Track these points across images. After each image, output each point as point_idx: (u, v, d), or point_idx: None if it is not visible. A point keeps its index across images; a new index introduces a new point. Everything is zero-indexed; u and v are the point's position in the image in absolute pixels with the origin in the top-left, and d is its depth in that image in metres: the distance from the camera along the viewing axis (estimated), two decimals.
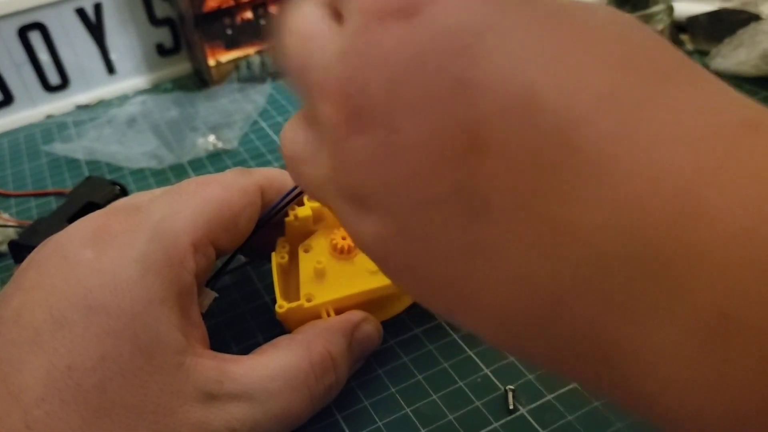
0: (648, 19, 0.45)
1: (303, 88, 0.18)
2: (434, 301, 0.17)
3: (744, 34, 0.46)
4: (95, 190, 0.42)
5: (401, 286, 0.18)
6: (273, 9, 0.56)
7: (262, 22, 0.56)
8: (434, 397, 0.29)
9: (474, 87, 0.14)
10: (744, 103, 0.14)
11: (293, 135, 0.19)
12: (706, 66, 0.47)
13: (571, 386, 0.29)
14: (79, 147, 0.52)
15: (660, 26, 0.45)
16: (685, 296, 0.12)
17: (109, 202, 0.40)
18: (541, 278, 0.14)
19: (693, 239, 0.12)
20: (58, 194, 0.47)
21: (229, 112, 0.53)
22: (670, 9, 0.46)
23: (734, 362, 0.12)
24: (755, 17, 0.46)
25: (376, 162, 0.15)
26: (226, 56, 0.56)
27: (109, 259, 0.25)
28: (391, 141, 0.15)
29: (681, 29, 0.51)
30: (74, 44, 0.57)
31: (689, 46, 0.50)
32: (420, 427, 0.28)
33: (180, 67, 0.61)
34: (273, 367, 0.26)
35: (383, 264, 0.17)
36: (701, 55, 0.49)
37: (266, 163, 0.47)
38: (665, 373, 0.13)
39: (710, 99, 0.13)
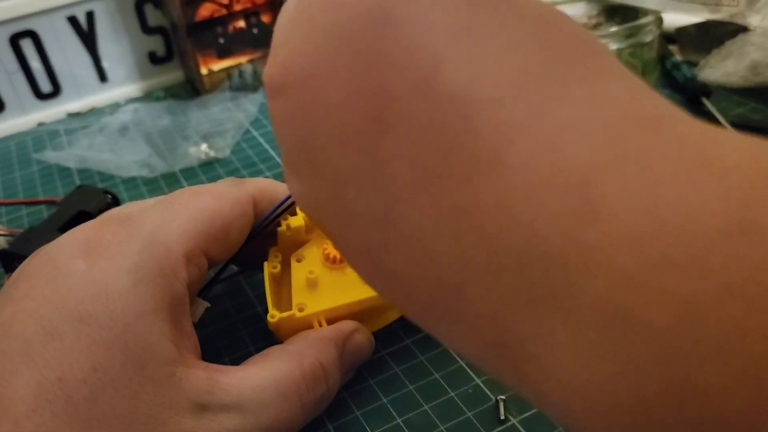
0: (637, 30, 0.45)
1: None
2: (353, 263, 0.17)
3: (732, 45, 0.46)
4: (87, 199, 0.42)
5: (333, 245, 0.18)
6: (265, 18, 0.56)
7: (255, 31, 0.56)
8: (425, 407, 0.29)
9: (383, 57, 0.14)
10: (652, 99, 0.13)
11: None
12: (695, 76, 0.48)
13: None
14: (70, 155, 0.51)
15: (649, 37, 0.46)
16: (577, 293, 0.12)
17: (100, 211, 0.40)
18: (443, 259, 0.14)
19: (585, 237, 0.12)
20: (50, 203, 0.47)
21: (221, 120, 0.53)
22: (660, 20, 0.47)
23: (626, 358, 0.12)
24: (743, 29, 0.46)
25: (293, 123, 0.16)
26: (219, 65, 0.56)
27: (100, 269, 0.25)
28: (307, 103, 0.15)
29: (670, 40, 0.52)
30: (66, 52, 0.57)
31: (678, 57, 0.51)
32: None
33: (172, 75, 0.62)
34: (264, 377, 0.26)
35: (312, 221, 0.18)
36: (690, 65, 0.49)
37: (258, 172, 0.47)
38: (556, 365, 0.13)
39: (619, 92, 0.13)
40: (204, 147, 0.50)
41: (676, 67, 0.49)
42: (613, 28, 0.45)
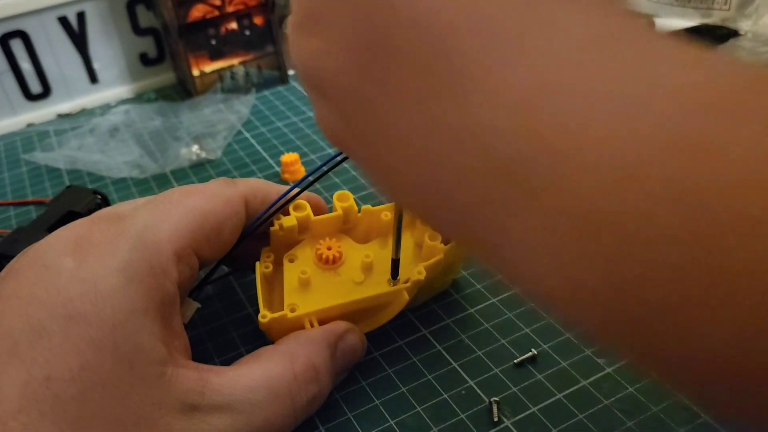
0: None
1: None
2: (363, 168, 0.20)
3: (723, 49, 0.46)
4: (76, 200, 0.42)
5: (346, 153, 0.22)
6: (257, 20, 0.56)
7: (247, 33, 0.56)
8: (418, 409, 0.29)
9: (383, 3, 0.17)
10: (611, 16, 0.15)
11: None
12: None
13: (555, 398, 0.29)
14: (60, 156, 0.51)
15: None
16: (540, 193, 0.14)
17: (90, 211, 0.40)
18: (434, 161, 0.16)
19: (550, 145, 0.14)
20: (38, 203, 0.46)
21: (213, 122, 0.53)
22: (652, 24, 0.47)
23: (576, 251, 0.14)
24: (734, 33, 0.46)
25: (317, 58, 0.19)
26: (210, 66, 0.56)
27: (90, 268, 0.24)
28: (326, 42, 0.18)
29: None
30: (56, 53, 0.57)
31: None
32: None
33: (164, 76, 0.61)
34: (256, 377, 0.26)
35: (329, 138, 0.21)
36: None
37: (250, 174, 0.47)
38: (532, 254, 0.15)
39: (578, 14, 0.15)
40: (195, 148, 0.49)
41: None
42: None
